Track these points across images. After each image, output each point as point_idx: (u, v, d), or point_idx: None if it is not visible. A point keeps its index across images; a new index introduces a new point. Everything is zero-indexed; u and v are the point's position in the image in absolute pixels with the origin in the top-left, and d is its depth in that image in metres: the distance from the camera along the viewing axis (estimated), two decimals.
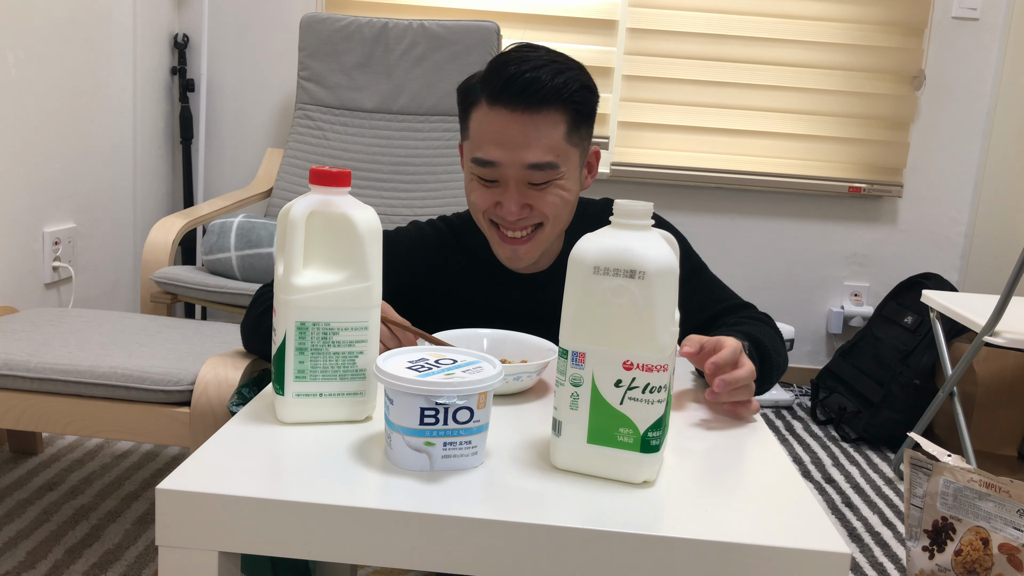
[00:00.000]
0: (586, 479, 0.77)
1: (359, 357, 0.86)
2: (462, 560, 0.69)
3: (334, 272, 0.85)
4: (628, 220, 0.77)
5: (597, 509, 0.71)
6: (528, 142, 1.08)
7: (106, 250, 2.48)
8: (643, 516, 0.71)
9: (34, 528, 1.68)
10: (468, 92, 1.14)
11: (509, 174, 1.10)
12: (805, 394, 2.91)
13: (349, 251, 0.85)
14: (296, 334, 0.84)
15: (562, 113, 1.09)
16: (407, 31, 2.51)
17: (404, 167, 2.48)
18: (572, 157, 1.13)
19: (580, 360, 0.77)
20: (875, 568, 1.74)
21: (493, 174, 1.11)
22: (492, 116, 1.09)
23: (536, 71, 1.06)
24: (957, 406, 2.04)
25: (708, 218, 2.90)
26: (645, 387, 0.75)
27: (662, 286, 0.74)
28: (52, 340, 1.53)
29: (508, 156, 1.09)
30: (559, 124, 1.09)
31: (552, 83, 1.07)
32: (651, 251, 0.75)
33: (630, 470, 0.77)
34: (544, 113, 1.08)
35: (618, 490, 0.75)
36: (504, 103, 1.08)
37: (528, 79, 1.06)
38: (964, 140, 2.87)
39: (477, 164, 1.12)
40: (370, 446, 0.81)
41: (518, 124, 1.08)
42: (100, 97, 2.38)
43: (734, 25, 2.78)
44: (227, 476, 0.72)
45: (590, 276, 0.75)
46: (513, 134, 1.08)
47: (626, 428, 0.76)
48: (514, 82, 1.06)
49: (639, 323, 0.75)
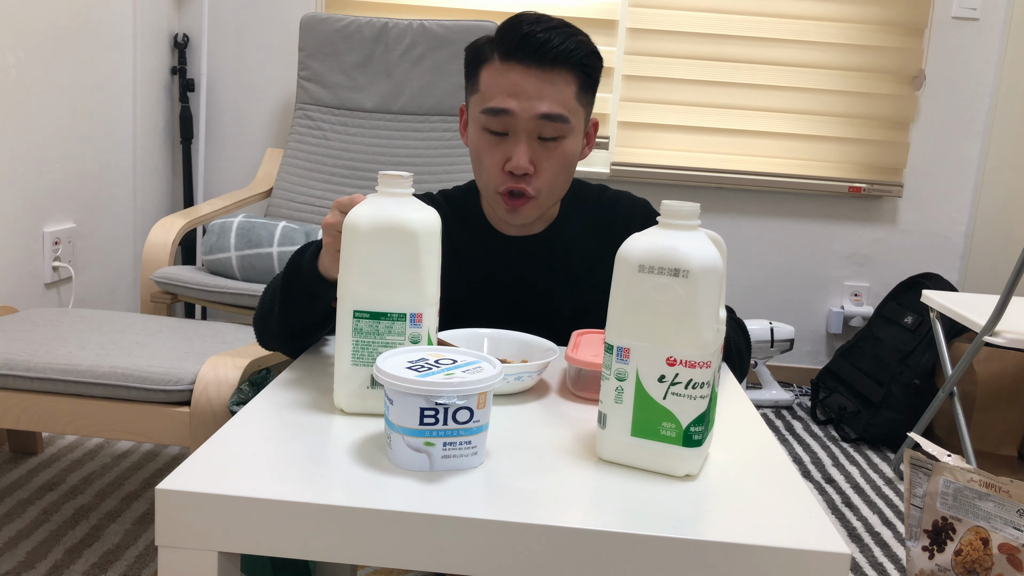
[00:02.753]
0: (586, 479, 0.77)
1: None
2: (462, 560, 0.69)
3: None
4: (675, 220, 0.78)
5: (596, 509, 0.71)
6: (542, 95, 1.12)
7: (106, 250, 2.48)
8: (643, 516, 0.71)
9: (34, 528, 1.68)
10: (479, 50, 1.17)
11: (520, 124, 1.13)
12: (805, 394, 2.91)
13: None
14: None
15: (572, 74, 1.13)
16: (407, 31, 2.51)
17: (404, 167, 2.48)
18: (579, 117, 1.17)
19: (625, 355, 0.78)
20: (875, 568, 1.74)
21: (504, 124, 1.14)
22: (506, 70, 1.12)
23: (548, 32, 1.11)
24: (957, 406, 2.04)
25: (708, 218, 2.90)
26: (688, 383, 0.77)
27: (706, 285, 0.76)
28: (52, 340, 1.53)
29: (521, 105, 1.12)
30: (570, 83, 1.14)
31: (564, 45, 1.11)
32: (696, 250, 0.76)
33: (673, 463, 0.79)
34: (557, 72, 1.12)
35: (618, 490, 0.75)
36: (518, 59, 1.12)
37: (542, 39, 1.11)
38: (964, 140, 2.87)
39: (490, 114, 1.14)
40: (370, 446, 0.81)
41: (532, 78, 1.12)
42: (100, 97, 2.38)
43: (734, 25, 2.78)
44: (227, 476, 0.72)
45: (635, 274, 0.77)
46: (527, 86, 1.12)
47: (669, 422, 0.78)
48: (529, 40, 1.11)
49: (683, 320, 0.76)
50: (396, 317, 0.87)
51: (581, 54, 1.13)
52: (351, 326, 0.87)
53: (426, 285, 0.87)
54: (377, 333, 0.87)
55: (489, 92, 1.14)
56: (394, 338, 0.87)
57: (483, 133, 1.17)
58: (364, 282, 0.86)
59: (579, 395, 0.99)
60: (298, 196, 2.48)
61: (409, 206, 0.88)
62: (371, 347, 0.87)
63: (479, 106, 1.16)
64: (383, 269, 0.86)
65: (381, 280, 0.86)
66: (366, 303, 0.86)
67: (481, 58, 1.16)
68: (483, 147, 1.17)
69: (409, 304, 0.87)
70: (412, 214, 0.86)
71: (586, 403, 0.98)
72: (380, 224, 0.85)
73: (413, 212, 0.87)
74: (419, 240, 0.86)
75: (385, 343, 0.87)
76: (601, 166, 2.88)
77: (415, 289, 0.87)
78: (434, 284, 0.89)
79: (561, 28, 1.13)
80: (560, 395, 1.00)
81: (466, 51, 1.20)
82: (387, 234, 0.85)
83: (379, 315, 0.87)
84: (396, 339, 0.87)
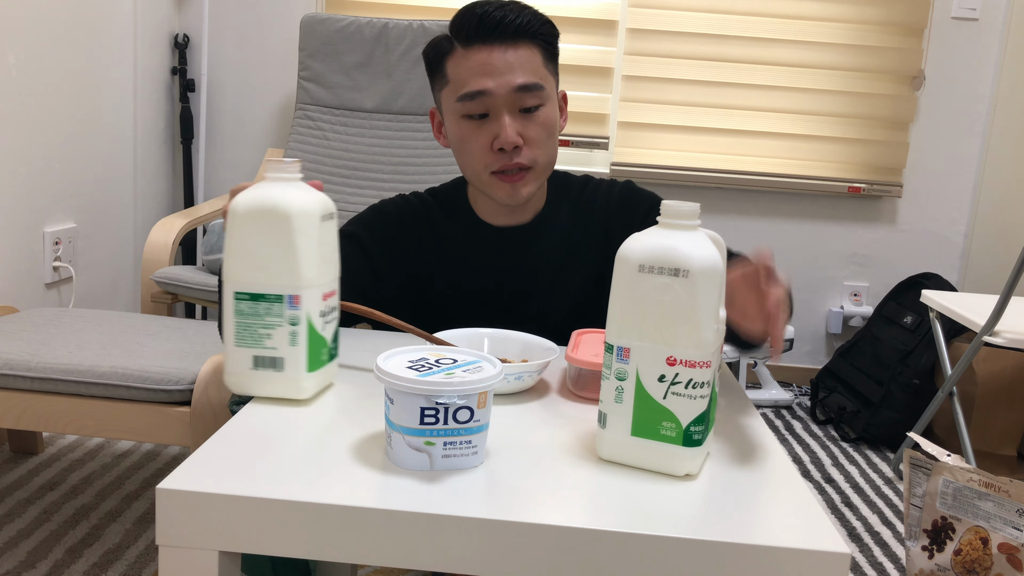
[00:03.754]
0: (584, 479, 0.77)
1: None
2: (462, 560, 0.69)
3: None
4: (675, 220, 0.79)
5: (596, 509, 0.71)
6: (512, 68, 1.14)
7: (106, 250, 2.48)
8: (643, 516, 0.71)
9: (34, 528, 1.68)
10: (437, 46, 1.18)
11: (500, 101, 1.14)
12: (805, 394, 2.91)
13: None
14: None
15: (534, 44, 1.16)
16: (407, 31, 2.51)
17: (404, 167, 2.48)
18: (551, 84, 1.19)
19: (625, 355, 0.78)
20: (875, 568, 1.74)
21: (483, 105, 1.15)
22: (471, 54, 1.14)
23: (501, 10, 1.14)
24: (957, 406, 2.04)
25: (708, 218, 2.90)
26: (688, 382, 0.77)
27: (706, 284, 0.76)
28: (52, 340, 1.53)
29: (496, 82, 1.13)
30: (535, 53, 1.16)
31: (520, 18, 1.14)
32: (696, 250, 0.76)
33: (673, 463, 0.79)
34: (520, 44, 1.15)
35: (618, 490, 0.76)
36: (481, 40, 1.14)
37: (498, 16, 1.13)
38: (964, 140, 2.87)
39: (467, 99, 1.15)
40: (370, 446, 0.81)
41: (499, 54, 1.14)
42: (100, 97, 2.38)
43: (734, 25, 2.78)
44: (227, 476, 0.72)
45: (635, 274, 0.77)
46: (497, 63, 1.14)
47: (669, 422, 0.78)
48: (485, 20, 1.13)
49: (683, 320, 0.77)
50: (273, 299, 0.87)
51: (538, 23, 1.16)
52: (233, 307, 0.89)
53: (303, 267, 0.87)
54: (257, 315, 0.88)
55: (460, 79, 1.15)
56: (273, 319, 0.88)
57: (463, 121, 1.17)
58: (243, 264, 0.88)
59: (579, 395, 1.00)
60: None
61: (291, 190, 0.88)
62: (252, 328, 0.88)
63: (453, 96, 1.17)
64: (259, 251, 0.87)
65: (258, 262, 0.87)
66: (245, 285, 0.88)
67: (443, 52, 1.17)
68: (466, 134, 1.17)
69: (285, 286, 0.87)
70: (289, 197, 0.87)
71: (586, 403, 0.98)
72: (255, 207, 0.87)
73: (292, 195, 0.88)
74: (293, 221, 0.86)
75: (264, 324, 0.88)
76: (601, 166, 2.88)
77: (291, 271, 0.87)
78: (312, 266, 0.88)
79: (512, 4, 1.15)
80: (560, 395, 1.00)
81: (424, 54, 1.21)
82: (261, 216, 0.87)
83: (258, 296, 0.88)
84: (275, 320, 0.88)
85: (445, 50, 1.17)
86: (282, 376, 0.89)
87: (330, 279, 0.93)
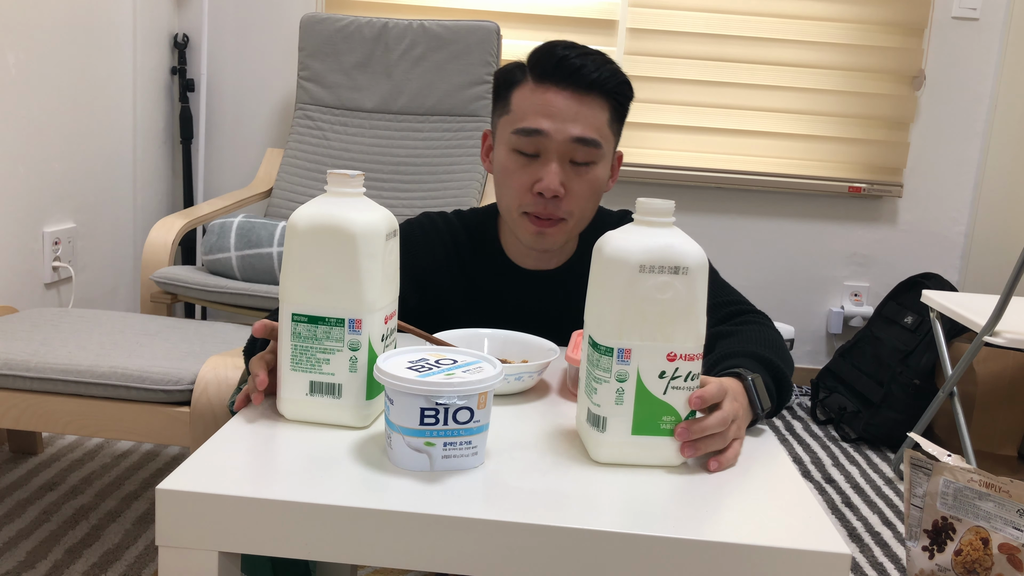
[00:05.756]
0: (586, 479, 0.77)
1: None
2: (462, 560, 0.69)
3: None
4: (657, 218, 0.80)
5: (596, 509, 0.71)
6: (576, 117, 1.11)
7: (106, 250, 2.48)
8: (643, 516, 0.71)
9: (34, 528, 1.68)
10: (509, 73, 1.16)
11: (553, 146, 1.12)
12: (805, 394, 2.91)
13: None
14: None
15: (605, 101, 1.13)
16: (407, 31, 2.51)
17: (404, 167, 2.48)
18: (609, 145, 1.16)
19: (626, 356, 0.79)
20: (875, 568, 1.74)
21: (536, 145, 1.13)
22: (540, 92, 1.12)
23: (583, 58, 1.11)
24: (957, 406, 2.04)
25: (708, 218, 2.90)
26: (687, 375, 0.80)
27: (702, 279, 0.79)
28: (52, 340, 1.53)
29: (556, 127, 1.11)
30: (603, 110, 1.13)
31: (599, 72, 1.11)
32: (689, 246, 0.79)
33: (670, 454, 0.81)
34: (591, 97, 1.12)
35: (618, 490, 0.75)
36: (554, 81, 1.11)
37: (578, 63, 1.10)
38: (964, 140, 2.87)
39: (522, 134, 1.12)
40: (370, 446, 0.81)
41: (567, 101, 1.11)
42: (100, 97, 2.38)
43: (734, 25, 2.78)
44: (227, 476, 0.72)
45: (636, 275, 0.78)
46: (562, 108, 1.11)
47: (668, 416, 0.80)
48: (564, 64, 1.10)
49: (682, 316, 0.78)
50: (334, 322, 0.82)
51: (615, 82, 1.13)
52: (290, 330, 0.84)
53: (366, 290, 0.82)
54: (315, 338, 0.83)
55: (522, 112, 1.13)
56: (332, 344, 0.83)
57: (512, 155, 1.15)
58: (302, 284, 0.83)
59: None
60: (298, 196, 2.48)
61: (355, 206, 0.83)
62: (310, 352, 0.83)
63: (510, 127, 1.14)
64: (321, 272, 0.82)
65: (319, 283, 0.82)
66: (304, 306, 0.83)
67: (512, 81, 1.15)
68: (512, 167, 1.15)
69: (347, 309, 0.82)
70: (354, 215, 0.82)
71: None
72: (318, 224, 0.82)
73: (356, 213, 0.82)
74: (358, 242, 0.81)
75: (323, 349, 0.83)
76: None
77: (354, 294, 0.82)
78: (375, 289, 0.83)
79: (595, 55, 1.13)
80: (560, 395, 1.00)
81: (495, 76, 1.19)
82: (324, 234, 0.82)
83: (317, 319, 0.83)
84: (334, 345, 0.83)
85: (516, 79, 1.15)
86: (339, 403, 0.84)
87: (391, 300, 0.88)
